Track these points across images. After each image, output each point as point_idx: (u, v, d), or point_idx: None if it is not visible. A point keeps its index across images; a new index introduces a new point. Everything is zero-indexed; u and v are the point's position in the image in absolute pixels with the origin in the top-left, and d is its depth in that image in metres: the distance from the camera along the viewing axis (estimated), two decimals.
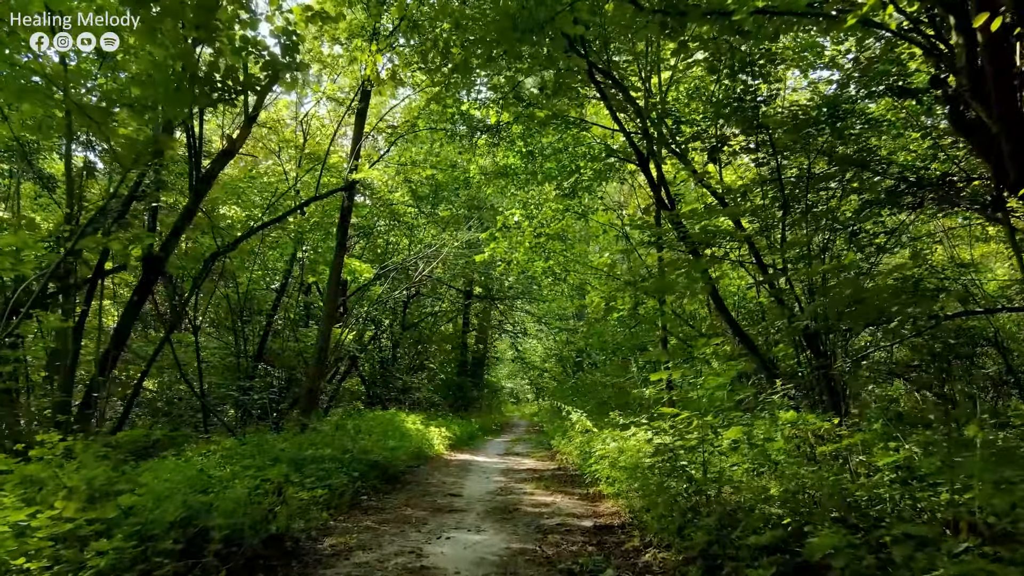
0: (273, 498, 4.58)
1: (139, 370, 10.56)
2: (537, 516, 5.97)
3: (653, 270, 12.68)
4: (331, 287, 12.69)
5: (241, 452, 6.51)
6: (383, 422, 11.80)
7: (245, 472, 4.86)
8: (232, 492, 4.18)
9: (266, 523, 4.22)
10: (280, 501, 4.51)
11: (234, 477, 4.45)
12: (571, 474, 9.10)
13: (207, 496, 3.90)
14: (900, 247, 9.87)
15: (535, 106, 10.13)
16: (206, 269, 8.87)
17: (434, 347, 23.68)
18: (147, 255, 8.23)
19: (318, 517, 5.35)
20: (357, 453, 7.80)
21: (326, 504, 5.87)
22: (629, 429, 5.85)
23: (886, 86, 8.50)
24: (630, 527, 5.17)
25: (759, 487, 3.86)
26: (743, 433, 4.50)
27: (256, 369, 13.24)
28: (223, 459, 6.23)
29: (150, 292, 8.28)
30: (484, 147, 13.27)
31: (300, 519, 4.98)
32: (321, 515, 5.45)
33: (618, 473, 6.25)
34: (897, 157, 9.31)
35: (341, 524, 5.42)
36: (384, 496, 6.94)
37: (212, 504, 3.80)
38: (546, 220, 15.10)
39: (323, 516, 5.45)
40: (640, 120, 9.28)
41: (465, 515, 6.01)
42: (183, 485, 4.20)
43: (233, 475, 4.46)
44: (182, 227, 8.57)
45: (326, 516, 5.52)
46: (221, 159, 9.16)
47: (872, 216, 8.86)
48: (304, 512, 5.26)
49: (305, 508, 5.33)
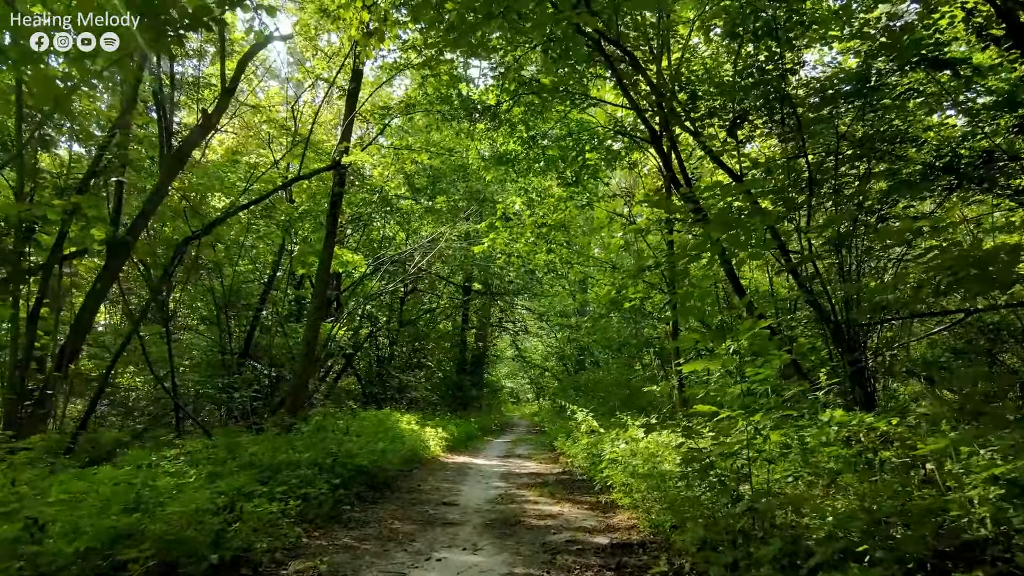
0: (228, 514, 3.82)
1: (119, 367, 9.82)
2: (543, 530, 5.21)
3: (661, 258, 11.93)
4: (320, 278, 11.91)
5: (208, 456, 5.75)
6: (375, 422, 11.05)
7: (196, 482, 4.09)
8: (173, 508, 3.42)
9: (215, 547, 3.46)
10: (236, 517, 3.75)
11: (179, 489, 3.67)
12: (578, 479, 8.35)
13: (131, 517, 3.13)
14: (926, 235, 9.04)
15: (540, 73, 9.32)
16: (178, 254, 8.11)
17: (432, 345, 22.92)
18: (111, 239, 7.50)
19: (288, 534, 4.58)
20: (343, 457, 7.05)
21: (300, 517, 5.11)
22: (654, 431, 5.06)
23: (919, 57, 7.73)
24: (653, 546, 4.41)
25: (821, 503, 3.10)
26: (794, 435, 3.74)
27: (244, 366, 12.50)
28: (186, 464, 5.49)
29: (115, 279, 7.54)
30: (483, 131, 12.50)
31: (264, 537, 4.22)
32: (292, 531, 4.68)
33: (635, 481, 5.49)
34: (930, 136, 8.55)
35: (315, 542, 4.66)
36: (370, 506, 6.17)
37: (141, 526, 3.03)
38: (548, 211, 14.37)
39: (294, 532, 4.68)
40: (653, 93, 8.50)
41: (460, 529, 5.25)
42: (115, 500, 3.44)
43: (178, 486, 3.68)
44: (151, 208, 7.83)
45: (298, 532, 4.76)
46: (196, 135, 8.41)
47: (903, 199, 8.10)
48: (271, 528, 4.50)
49: (272, 523, 4.58)
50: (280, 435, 7.89)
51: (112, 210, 7.53)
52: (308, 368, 11.58)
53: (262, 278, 14.84)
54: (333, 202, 11.77)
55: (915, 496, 2.91)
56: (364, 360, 19.80)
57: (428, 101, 11.92)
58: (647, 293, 11.38)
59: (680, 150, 9.10)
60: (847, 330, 7.58)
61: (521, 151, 13.20)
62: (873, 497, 3.08)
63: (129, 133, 7.65)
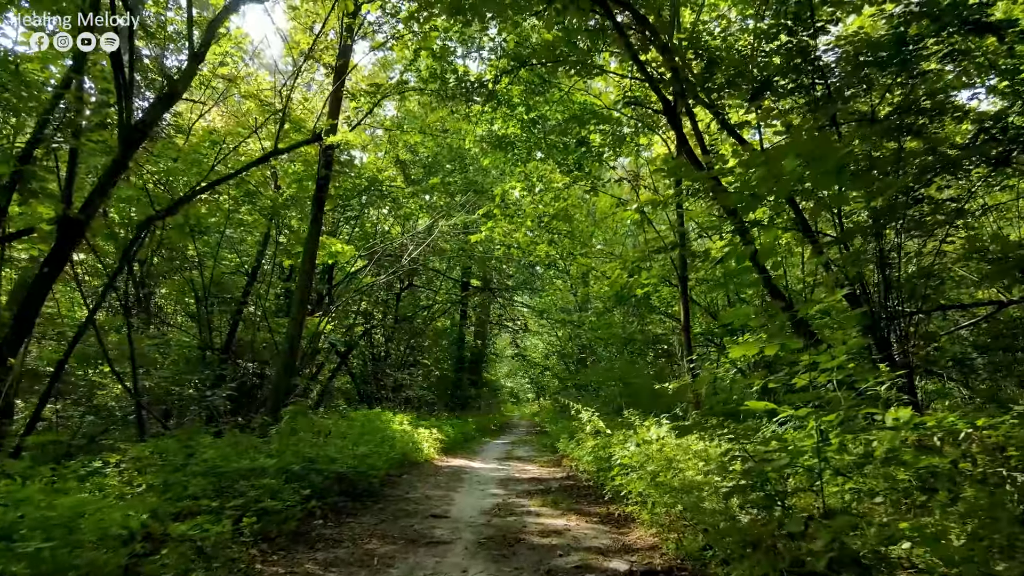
0: (143, 544, 3.00)
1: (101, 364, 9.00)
2: (547, 551, 4.39)
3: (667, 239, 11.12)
4: (305, 268, 11.10)
5: (153, 463, 4.94)
6: (364, 423, 10.23)
7: (107, 501, 3.26)
8: (62, 540, 2.59)
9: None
10: (151, 549, 2.93)
11: (79, 513, 2.83)
12: (584, 486, 7.53)
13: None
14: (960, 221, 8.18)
15: (540, 29, 8.49)
16: (139, 236, 7.29)
17: (429, 342, 22.10)
18: (62, 218, 6.67)
19: (239, 559, 3.76)
20: (322, 462, 6.24)
21: (260, 535, 4.29)
22: (688, 432, 4.23)
23: (960, 20, 6.89)
24: (682, 573, 3.60)
25: (928, 530, 2.28)
26: (862, 440, 2.92)
27: (225, 363, 11.68)
28: (120, 473, 4.68)
29: (66, 262, 6.73)
30: (480, 113, 11.68)
31: (202, 566, 3.40)
32: (245, 554, 3.87)
33: (655, 491, 4.67)
34: (973, 107, 7.71)
35: (269, 568, 3.83)
36: (346, 520, 5.34)
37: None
38: (550, 200, 13.57)
39: (247, 556, 3.86)
40: (667, 60, 7.67)
41: (449, 549, 4.43)
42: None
43: (78, 509, 2.84)
44: (108, 184, 6.99)
45: (252, 555, 3.95)
46: (160, 105, 7.59)
47: (942, 175, 7.27)
48: (220, 551, 3.69)
49: (221, 545, 3.76)
50: (254, 437, 7.08)
51: (64, 185, 6.72)
52: (291, 365, 10.77)
53: (247, 269, 14.01)
54: (320, 186, 10.95)
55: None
56: (358, 359, 18.99)
57: (421, 79, 11.10)
58: (658, 283, 10.57)
59: (697, 123, 8.25)
60: (890, 322, 6.78)
61: (521, 135, 12.41)
62: (997, 526, 2.26)
63: (83, 97, 6.84)
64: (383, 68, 17.85)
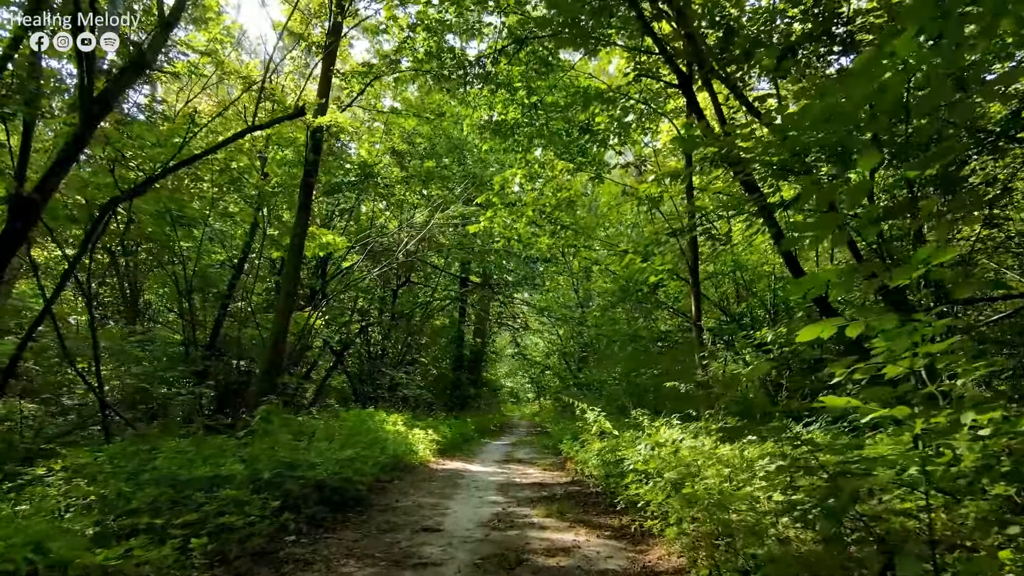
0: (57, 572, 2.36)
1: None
2: (555, 574, 3.74)
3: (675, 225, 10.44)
4: (292, 261, 10.47)
5: (100, 471, 4.29)
6: (355, 423, 9.59)
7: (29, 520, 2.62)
8: None
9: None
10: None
11: None
12: (592, 492, 6.88)
13: None
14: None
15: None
16: (102, 219, 6.64)
17: (427, 340, 21.44)
18: (13, 195, 6.04)
19: None
20: (302, 468, 5.59)
21: (216, 556, 3.65)
22: (738, 436, 3.58)
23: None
24: None
25: None
26: (959, 448, 2.28)
27: (211, 359, 11.04)
28: (67, 482, 4.04)
29: (18, 246, 6.09)
30: (479, 96, 11.05)
31: None
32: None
33: (678, 503, 4.02)
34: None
35: None
36: (324, 534, 4.69)
37: None
38: (552, 189, 12.93)
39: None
40: (681, 24, 7.03)
41: (440, 572, 3.78)
42: None
43: None
44: (67, 160, 6.35)
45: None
46: (126, 76, 6.93)
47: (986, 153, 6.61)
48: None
49: (164, 571, 3.12)
50: (229, 439, 6.44)
51: (17, 161, 6.08)
52: (276, 361, 10.12)
53: (234, 263, 13.36)
54: (308, 171, 10.33)
55: None
56: (355, 357, 18.35)
57: (416, 59, 10.44)
58: (668, 275, 9.91)
59: (716, 94, 7.61)
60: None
61: (522, 119, 11.77)
62: None
63: (38, 65, 6.20)
64: (378, 56, 17.23)
